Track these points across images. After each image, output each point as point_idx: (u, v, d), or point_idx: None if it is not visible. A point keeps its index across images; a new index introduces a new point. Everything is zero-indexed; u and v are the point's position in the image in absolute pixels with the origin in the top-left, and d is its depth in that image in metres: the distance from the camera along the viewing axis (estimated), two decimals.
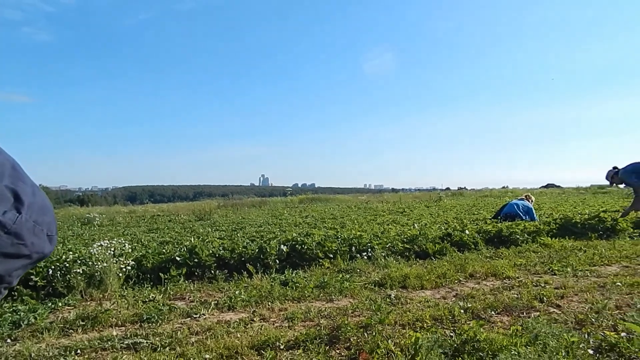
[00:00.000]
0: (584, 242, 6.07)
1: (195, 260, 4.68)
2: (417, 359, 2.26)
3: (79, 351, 2.70)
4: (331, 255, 5.18)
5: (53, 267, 4.00)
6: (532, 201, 8.82)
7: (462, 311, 3.11)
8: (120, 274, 4.22)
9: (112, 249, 4.36)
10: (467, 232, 6.09)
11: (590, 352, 2.35)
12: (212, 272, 4.60)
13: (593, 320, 2.86)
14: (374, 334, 2.66)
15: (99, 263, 4.03)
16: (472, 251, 5.63)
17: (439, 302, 3.41)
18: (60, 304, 3.70)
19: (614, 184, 7.67)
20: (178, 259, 4.67)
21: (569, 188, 27.96)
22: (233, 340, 2.71)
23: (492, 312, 3.13)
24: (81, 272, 3.99)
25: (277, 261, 4.91)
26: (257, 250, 4.98)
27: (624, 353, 2.34)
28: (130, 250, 4.89)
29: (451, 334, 2.66)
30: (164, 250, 5.12)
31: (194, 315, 3.34)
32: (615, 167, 7.59)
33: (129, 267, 4.33)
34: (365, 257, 5.21)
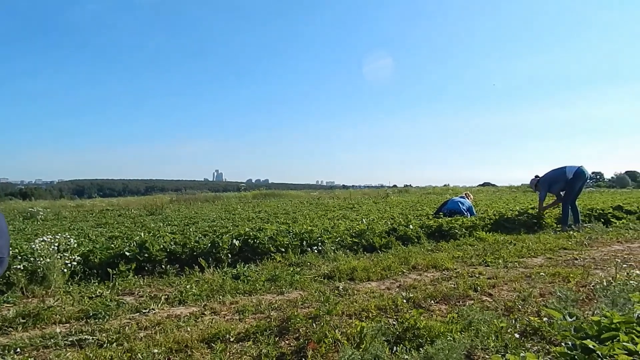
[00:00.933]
0: (514, 236, 6.59)
1: (146, 255, 4.60)
2: (362, 346, 2.41)
3: (18, 350, 2.61)
4: (283, 250, 5.27)
5: None
6: (471, 199, 9.49)
7: (404, 301, 3.31)
8: (65, 270, 4.07)
9: (57, 244, 4.18)
10: (411, 227, 6.41)
11: (517, 335, 2.61)
12: (163, 266, 4.54)
13: (520, 307, 3.16)
14: (322, 324, 2.79)
15: (42, 259, 3.86)
16: (415, 245, 5.95)
17: (383, 293, 3.61)
18: None
19: (537, 191, 8.45)
20: (127, 254, 4.57)
21: (502, 186, 29.91)
22: (183, 334, 2.74)
23: (432, 301, 3.37)
24: (22, 268, 3.81)
25: (230, 255, 4.94)
26: (209, 244, 4.97)
27: (546, 336, 2.61)
28: (76, 245, 4.70)
29: (394, 323, 2.84)
30: (112, 245, 4.98)
31: (143, 311, 3.31)
32: (536, 176, 8.42)
33: (75, 263, 4.19)
34: (316, 251, 5.35)
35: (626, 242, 6.29)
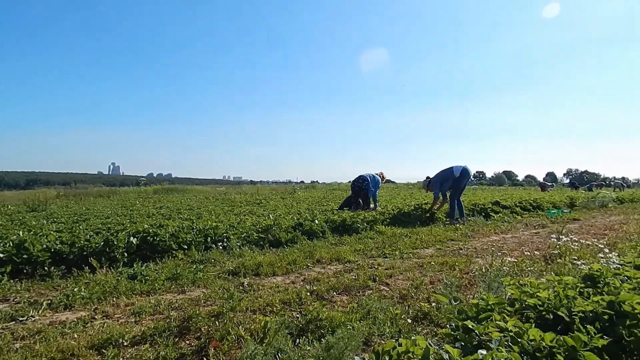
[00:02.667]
0: (410, 229, 7.11)
1: (25, 256, 4.09)
2: (265, 341, 2.42)
3: None
4: (185, 247, 5.07)
5: None
6: (383, 179, 10.10)
7: (308, 294, 3.39)
8: None
9: None
10: (316, 221, 6.57)
11: (409, 321, 2.83)
12: (46, 268, 4.07)
13: (413, 294, 3.41)
14: (225, 321, 2.74)
15: None
16: (320, 239, 6.11)
17: (288, 287, 3.66)
18: None
19: (429, 190, 9.24)
20: (1, 255, 4.01)
21: (401, 183, 32.16)
22: (69, 342, 2.50)
23: (334, 293, 3.50)
24: None
25: (126, 254, 4.60)
26: (102, 243, 4.57)
27: (434, 319, 2.86)
28: None
29: (297, 315, 2.89)
30: None
31: (20, 319, 2.94)
32: (428, 177, 9.25)
33: None
34: (221, 247, 5.23)
35: (502, 233, 7.14)
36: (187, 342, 2.56)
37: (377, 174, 9.90)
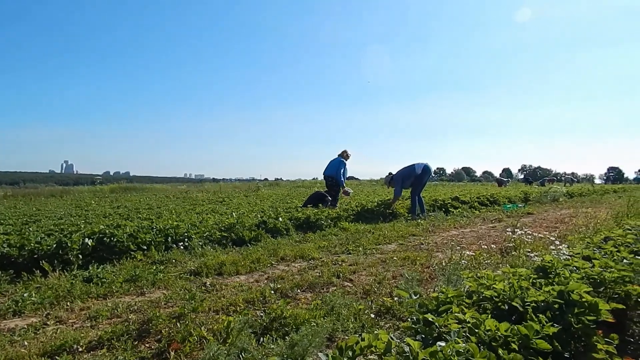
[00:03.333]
0: (373, 225, 7.22)
1: None
2: (228, 341, 2.38)
3: None
4: (145, 247, 4.91)
5: None
6: (348, 157, 9.70)
7: (272, 292, 3.37)
8: None
9: None
10: (280, 219, 6.54)
11: (372, 316, 2.87)
12: None
13: (376, 289, 3.47)
14: (186, 322, 2.67)
15: None
16: (284, 237, 6.09)
17: (252, 286, 3.62)
18: None
19: (391, 187, 9.43)
20: None
21: (364, 180, 32.62)
22: (18, 350, 2.37)
23: (298, 291, 3.50)
24: None
25: (81, 256, 4.40)
26: (54, 245, 4.35)
27: (396, 314, 2.92)
28: None
29: (261, 314, 2.87)
30: None
31: None
32: (390, 173, 9.42)
33: None
34: (182, 247, 5.10)
35: (461, 227, 7.38)
36: (147, 345, 2.49)
37: (341, 157, 9.62)
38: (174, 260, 4.59)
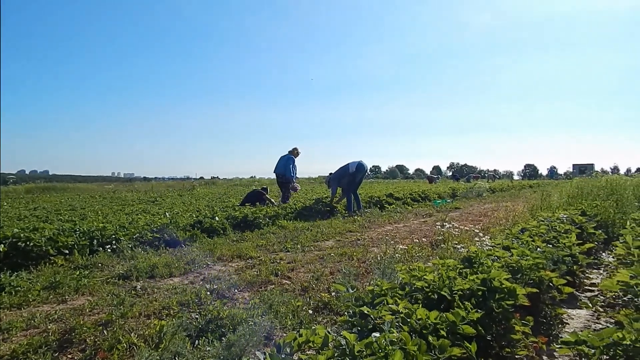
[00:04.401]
0: (311, 223, 7.29)
1: None
2: (161, 346, 2.29)
3: None
4: (67, 251, 4.57)
5: None
6: (297, 154, 9.82)
7: (208, 293, 3.28)
8: None
9: None
10: (217, 218, 6.39)
11: (310, 312, 2.90)
12: None
13: (314, 286, 3.50)
14: (115, 329, 2.53)
15: None
16: (221, 236, 5.95)
17: (187, 288, 3.50)
18: None
19: (330, 186, 9.69)
20: None
21: (303, 178, 32.83)
22: None
23: (236, 290, 3.44)
24: None
25: None
26: None
27: (334, 308, 2.96)
28: None
29: (197, 316, 2.78)
30: None
31: None
32: (330, 173, 9.67)
33: None
34: (110, 250, 4.82)
35: (395, 223, 7.66)
36: (70, 356, 2.32)
37: (291, 154, 9.74)
38: (100, 265, 4.32)
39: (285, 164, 9.51)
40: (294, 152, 9.81)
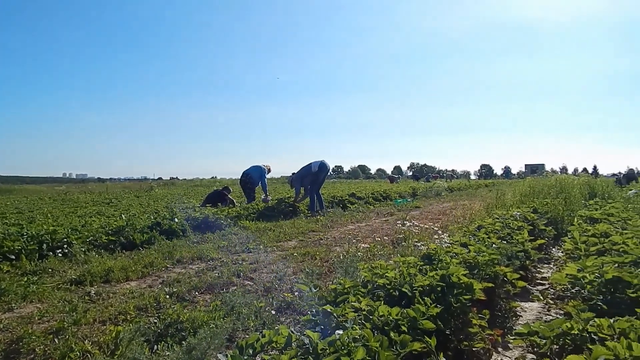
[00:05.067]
0: (274, 223, 7.25)
1: None
2: (117, 352, 2.20)
3: None
4: (13, 257, 4.31)
5: None
6: (269, 171, 10.52)
7: (167, 296, 3.19)
8: None
9: None
10: (176, 220, 6.22)
11: (273, 312, 2.88)
12: None
13: (277, 286, 3.48)
14: (66, 337, 2.40)
15: None
16: (180, 238, 5.80)
17: (144, 292, 3.38)
18: None
19: (293, 186, 9.73)
20: None
21: (271, 178, 32.66)
22: None
23: (196, 293, 3.36)
24: None
25: None
26: None
27: (297, 308, 2.96)
28: None
29: (155, 321, 2.69)
30: None
31: None
32: (293, 173, 9.66)
33: None
34: (61, 255, 4.59)
35: (357, 222, 7.75)
36: None
37: (264, 167, 10.30)
38: (50, 270, 4.09)
39: (258, 172, 10.05)
40: (268, 168, 10.46)
